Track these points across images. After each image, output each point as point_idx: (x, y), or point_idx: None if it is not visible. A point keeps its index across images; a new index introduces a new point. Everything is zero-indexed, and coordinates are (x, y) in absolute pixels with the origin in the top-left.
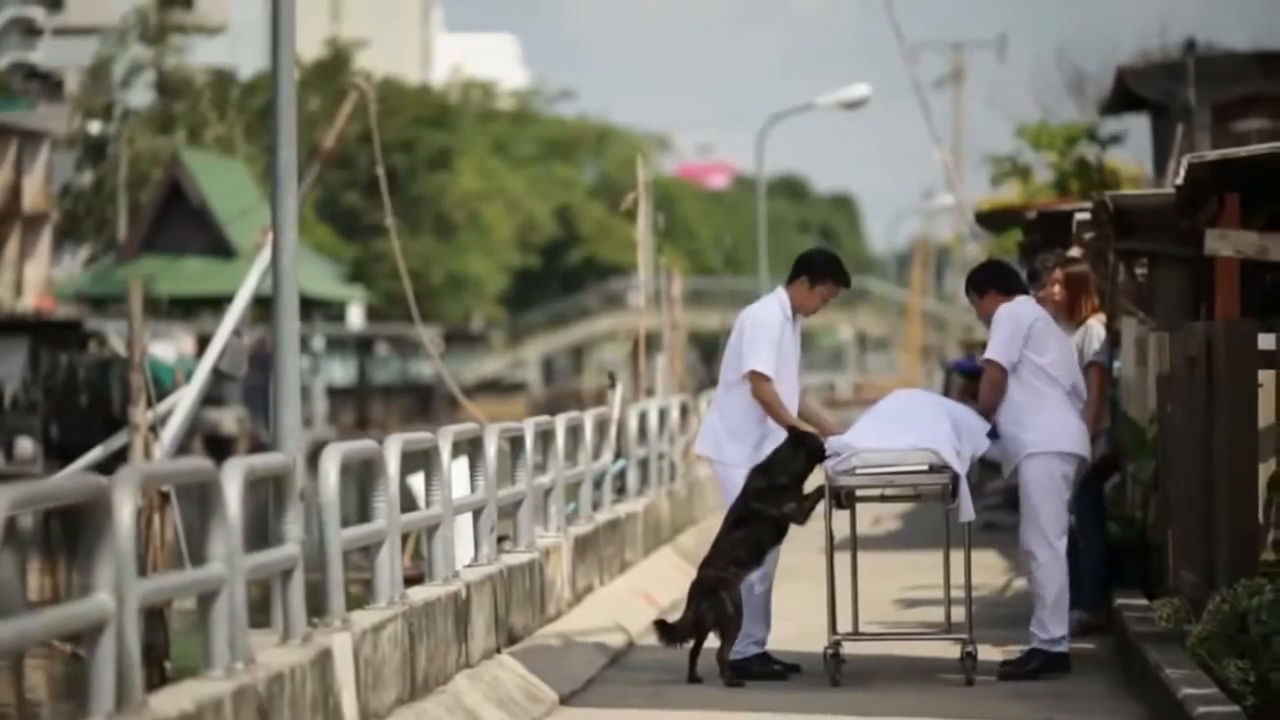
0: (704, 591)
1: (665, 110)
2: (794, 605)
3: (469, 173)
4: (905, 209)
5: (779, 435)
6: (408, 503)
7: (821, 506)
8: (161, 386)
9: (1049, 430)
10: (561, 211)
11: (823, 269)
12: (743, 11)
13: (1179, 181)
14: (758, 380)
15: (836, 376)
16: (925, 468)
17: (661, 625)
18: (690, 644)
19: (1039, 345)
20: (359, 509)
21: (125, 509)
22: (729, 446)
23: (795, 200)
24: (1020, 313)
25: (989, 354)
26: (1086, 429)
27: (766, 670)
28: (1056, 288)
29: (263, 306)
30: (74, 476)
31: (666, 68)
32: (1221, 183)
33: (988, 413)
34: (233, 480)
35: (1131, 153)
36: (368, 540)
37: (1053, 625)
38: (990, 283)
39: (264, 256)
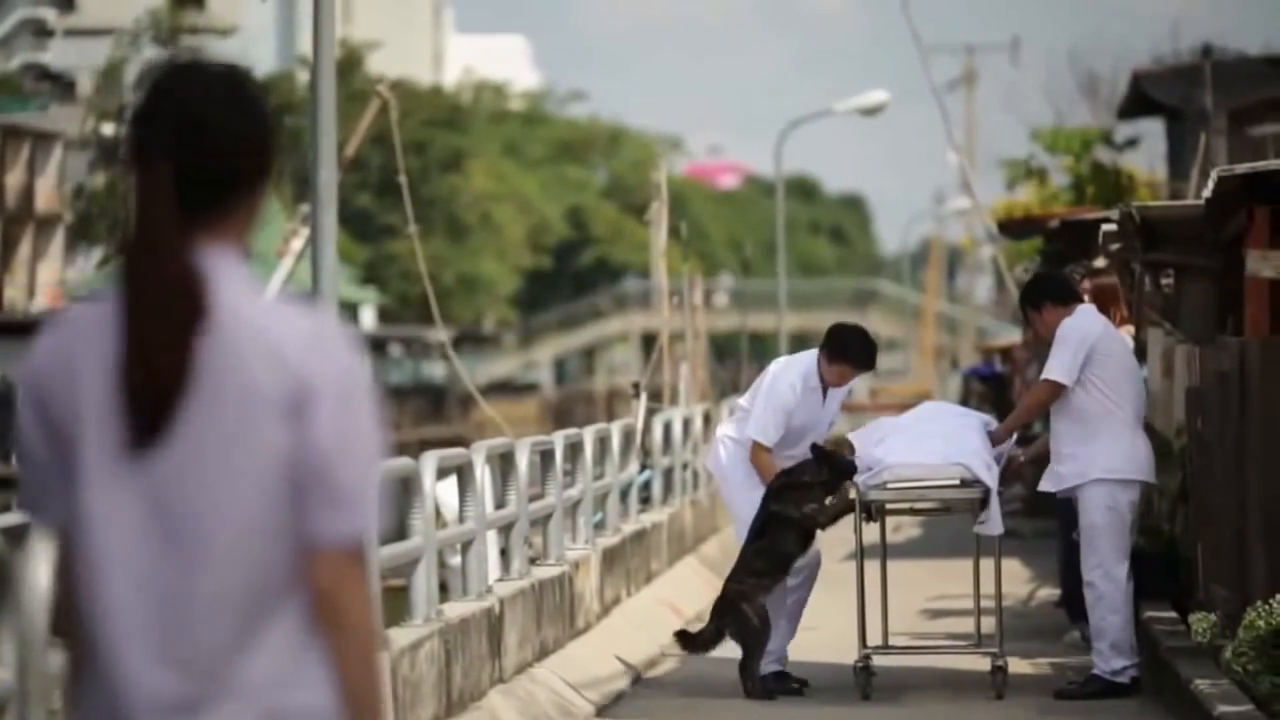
0: (725, 605)
1: (675, 111)
2: (820, 615)
3: (481, 174)
4: (917, 212)
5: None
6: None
7: (851, 519)
8: None
9: (1114, 455)
10: (573, 212)
11: (839, 351)
12: (753, 14)
13: (1208, 194)
14: (756, 448)
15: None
16: (957, 482)
17: (683, 635)
18: (713, 652)
19: (1103, 363)
20: None
21: None
22: (724, 465)
23: (806, 201)
24: (1085, 328)
25: (1047, 373)
26: (1151, 452)
27: (784, 688)
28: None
29: None
30: None
31: (676, 69)
32: (1250, 195)
33: (1015, 427)
34: None
35: (1146, 157)
36: (406, 558)
37: (1113, 658)
38: (1044, 295)
39: (285, 263)
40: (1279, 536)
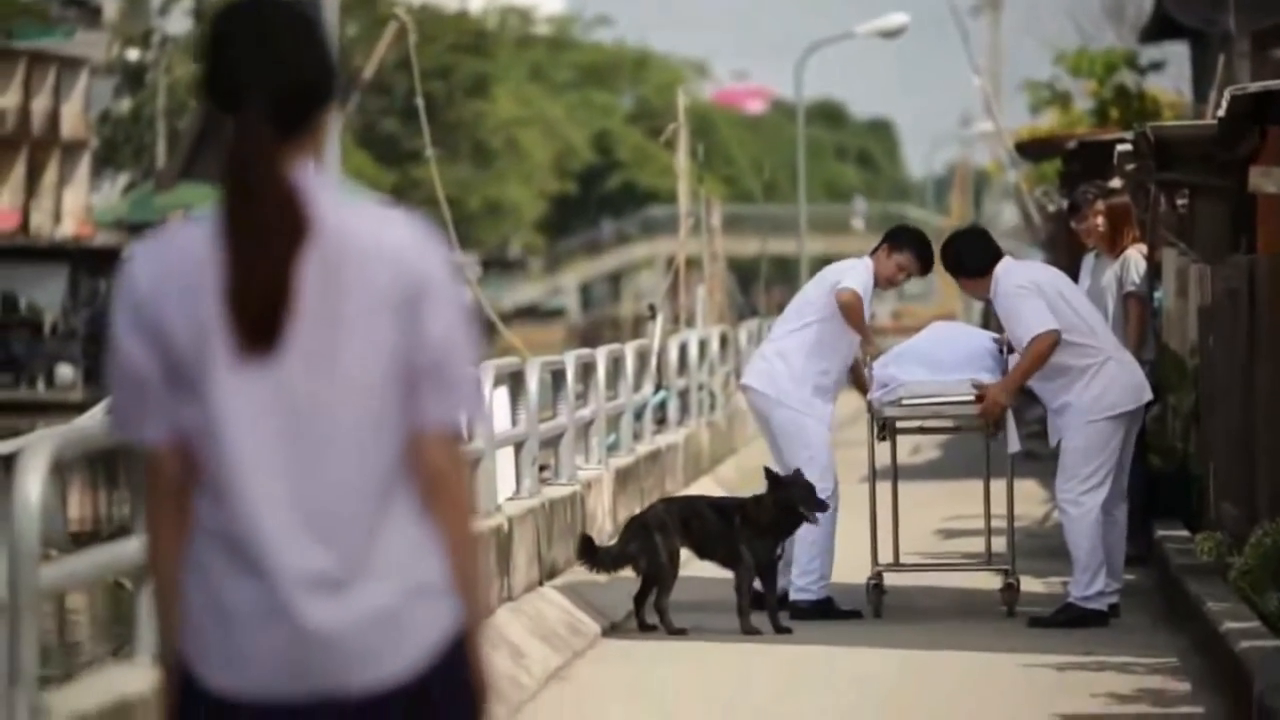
0: (640, 529)
1: (702, 37)
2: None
3: (506, 99)
4: (943, 136)
5: (835, 383)
6: None
7: (864, 435)
8: None
9: (1100, 394)
10: (599, 137)
11: (903, 239)
12: None
13: (1220, 114)
14: (851, 298)
15: (876, 303)
16: (971, 398)
17: (586, 544)
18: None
19: (1057, 312)
20: None
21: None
22: (788, 387)
23: (833, 126)
24: (1030, 281)
25: (1034, 327)
26: (1140, 371)
27: (839, 611)
28: (1099, 219)
29: None
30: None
31: None
32: (1263, 115)
33: (1022, 382)
34: None
35: (1170, 80)
36: None
37: (1085, 583)
38: (960, 270)
39: None
40: None
